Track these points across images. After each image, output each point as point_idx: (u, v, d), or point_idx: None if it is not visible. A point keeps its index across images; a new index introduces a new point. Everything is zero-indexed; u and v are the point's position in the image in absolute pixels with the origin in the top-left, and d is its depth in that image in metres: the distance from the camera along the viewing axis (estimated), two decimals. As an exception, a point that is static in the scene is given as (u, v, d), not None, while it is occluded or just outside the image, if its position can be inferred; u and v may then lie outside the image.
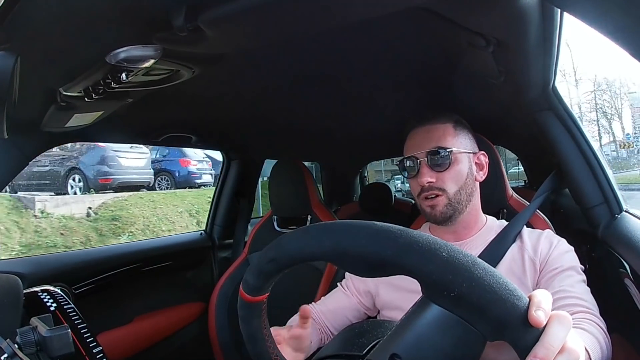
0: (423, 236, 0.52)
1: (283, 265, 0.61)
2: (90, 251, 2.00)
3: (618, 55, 22.16)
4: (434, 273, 0.50)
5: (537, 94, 1.38)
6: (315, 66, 1.29)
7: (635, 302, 1.07)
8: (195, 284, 2.29)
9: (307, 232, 0.58)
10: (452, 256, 0.50)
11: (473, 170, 1.25)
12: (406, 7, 0.82)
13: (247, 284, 0.65)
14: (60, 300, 1.10)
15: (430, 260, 0.50)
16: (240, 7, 0.75)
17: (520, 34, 0.93)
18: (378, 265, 0.53)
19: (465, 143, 1.25)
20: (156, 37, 0.86)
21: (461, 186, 1.20)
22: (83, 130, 1.39)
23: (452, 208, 1.20)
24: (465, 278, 0.49)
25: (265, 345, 0.73)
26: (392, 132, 2.43)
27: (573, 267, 1.09)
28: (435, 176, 1.20)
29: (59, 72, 0.99)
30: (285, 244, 0.60)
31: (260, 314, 0.69)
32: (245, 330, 0.71)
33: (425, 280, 0.52)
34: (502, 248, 1.20)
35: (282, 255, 0.60)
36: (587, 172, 1.41)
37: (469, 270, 0.49)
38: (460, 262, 0.50)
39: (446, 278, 0.49)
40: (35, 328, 0.81)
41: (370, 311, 1.34)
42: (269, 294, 0.67)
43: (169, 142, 2.02)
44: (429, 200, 1.21)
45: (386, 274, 0.54)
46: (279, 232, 2.17)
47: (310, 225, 0.59)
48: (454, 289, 0.49)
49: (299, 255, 0.58)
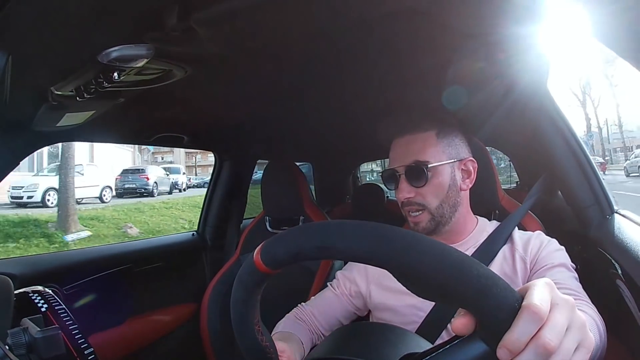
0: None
1: (333, 256, 0.57)
2: (82, 252, 1.99)
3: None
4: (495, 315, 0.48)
5: (530, 95, 1.39)
6: (308, 67, 1.29)
7: (626, 302, 1.07)
8: (187, 284, 2.28)
9: (388, 238, 0.52)
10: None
11: (457, 179, 1.21)
12: (398, 9, 0.83)
13: (273, 256, 0.58)
14: (52, 301, 1.09)
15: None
16: (233, 7, 0.75)
17: (512, 34, 0.93)
18: (453, 299, 0.51)
19: (449, 152, 1.20)
20: (148, 36, 0.85)
21: (443, 199, 1.18)
22: (74, 130, 1.38)
23: (435, 222, 1.19)
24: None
25: (254, 329, 0.69)
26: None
27: (563, 264, 1.10)
28: (413, 191, 1.18)
29: (50, 71, 0.99)
30: (351, 237, 0.53)
31: (261, 288, 0.64)
32: (240, 304, 0.66)
33: (485, 322, 0.50)
34: (493, 249, 1.20)
35: (342, 248, 0.54)
36: (578, 173, 1.42)
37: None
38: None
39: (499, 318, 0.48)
40: (26, 329, 0.81)
41: (360, 311, 1.33)
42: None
43: (160, 142, 2.01)
44: (411, 216, 1.20)
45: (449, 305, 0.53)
46: (271, 232, 2.16)
47: (385, 226, 0.53)
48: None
49: (365, 257, 0.53)
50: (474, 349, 0.50)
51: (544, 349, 0.46)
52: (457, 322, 0.51)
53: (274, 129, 2.18)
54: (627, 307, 1.06)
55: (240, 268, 0.64)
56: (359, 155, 3.86)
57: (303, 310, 1.30)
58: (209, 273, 2.41)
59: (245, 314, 0.66)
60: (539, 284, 0.51)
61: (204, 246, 2.46)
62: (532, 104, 1.44)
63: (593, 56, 22.61)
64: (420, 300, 1.17)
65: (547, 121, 1.46)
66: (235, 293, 0.65)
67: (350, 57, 1.23)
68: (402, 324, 1.10)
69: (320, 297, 1.35)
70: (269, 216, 2.20)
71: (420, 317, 1.17)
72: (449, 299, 0.51)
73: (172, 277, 2.22)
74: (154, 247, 2.21)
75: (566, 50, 22.81)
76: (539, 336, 0.47)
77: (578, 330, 0.50)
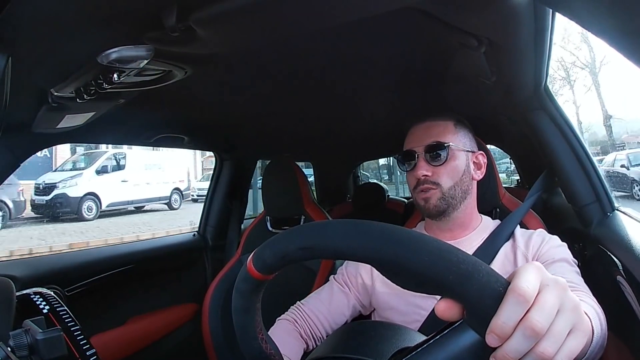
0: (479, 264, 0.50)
1: (317, 256, 0.56)
2: (83, 253, 1.99)
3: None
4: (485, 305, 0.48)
5: (529, 94, 1.39)
6: (308, 66, 1.29)
7: (628, 299, 1.07)
8: (188, 285, 2.28)
9: (365, 232, 0.52)
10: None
11: (470, 168, 1.26)
12: (398, 8, 0.82)
13: (263, 262, 0.59)
14: (53, 303, 1.09)
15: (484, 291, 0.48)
16: (232, 7, 0.75)
17: (511, 34, 0.93)
18: (435, 287, 0.50)
19: (465, 141, 1.26)
20: (148, 37, 0.85)
21: (456, 182, 1.21)
22: (75, 131, 1.38)
23: (446, 202, 1.21)
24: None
25: (256, 334, 0.68)
26: (384, 132, 2.45)
27: (565, 259, 1.11)
28: (431, 170, 1.21)
29: (50, 73, 0.99)
30: (331, 235, 0.54)
31: (259, 294, 0.65)
32: (240, 313, 0.66)
33: (470, 308, 0.49)
34: (495, 246, 1.21)
35: (323, 246, 0.54)
36: (578, 171, 1.43)
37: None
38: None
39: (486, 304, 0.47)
40: (28, 331, 0.81)
41: (365, 309, 1.33)
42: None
43: (161, 143, 2.02)
44: (423, 193, 1.22)
45: (432, 293, 0.53)
46: (272, 232, 2.16)
47: (365, 222, 0.54)
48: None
49: (346, 252, 0.53)
50: (464, 338, 0.50)
51: (532, 331, 0.44)
52: (440, 305, 0.50)
53: (274, 129, 2.18)
54: (629, 304, 1.06)
55: (237, 276, 0.64)
56: (360, 154, 3.87)
57: (299, 312, 1.27)
58: (210, 273, 2.41)
59: (246, 322, 0.66)
60: (526, 267, 0.49)
61: (205, 246, 2.46)
62: (532, 102, 1.44)
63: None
64: (422, 299, 1.18)
65: (546, 119, 1.46)
66: (235, 302, 0.65)
67: (350, 56, 1.23)
68: (404, 322, 1.10)
69: (323, 292, 1.32)
70: (269, 216, 2.20)
71: (423, 316, 1.17)
72: (431, 287, 0.50)
73: (173, 278, 2.22)
74: (155, 248, 2.21)
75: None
76: (526, 318, 0.45)
77: (570, 312, 0.47)
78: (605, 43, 0.65)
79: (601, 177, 1.42)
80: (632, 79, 27.11)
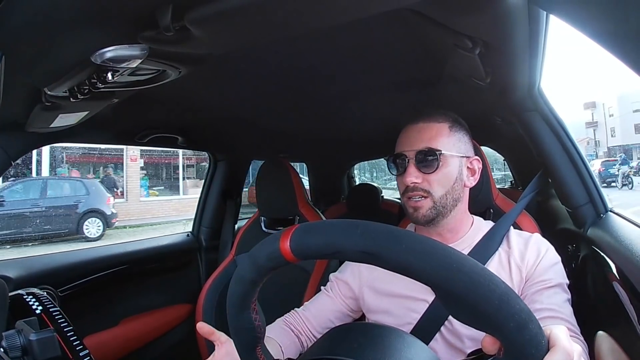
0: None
1: (376, 264, 0.53)
2: (77, 253, 1.98)
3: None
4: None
5: (523, 95, 1.39)
6: (303, 67, 1.29)
7: (621, 300, 1.08)
8: (182, 285, 2.28)
9: (440, 256, 0.51)
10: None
11: (463, 175, 1.21)
12: (393, 9, 0.82)
13: (306, 246, 0.57)
14: (46, 303, 1.09)
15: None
16: (227, 6, 0.75)
17: (506, 35, 0.94)
18: (492, 328, 0.53)
19: (459, 146, 1.21)
20: (142, 36, 0.85)
21: (448, 190, 1.17)
22: (68, 130, 1.38)
23: (436, 211, 1.17)
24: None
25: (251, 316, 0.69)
26: (379, 133, 2.46)
27: (560, 285, 1.10)
28: (421, 177, 1.16)
29: (43, 72, 0.98)
30: (406, 249, 0.52)
31: (273, 272, 0.63)
32: (246, 283, 0.65)
33: (513, 351, 0.53)
34: (489, 249, 1.19)
35: (393, 258, 0.52)
36: (572, 172, 1.43)
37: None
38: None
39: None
40: (21, 331, 0.80)
41: (355, 313, 1.33)
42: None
43: (155, 143, 2.01)
44: (413, 201, 1.18)
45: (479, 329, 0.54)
46: (266, 233, 2.16)
47: (438, 244, 0.53)
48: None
49: (414, 273, 0.52)
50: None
51: None
52: (487, 341, 0.55)
53: (268, 129, 2.18)
54: (622, 305, 1.07)
55: (255, 250, 0.62)
56: (354, 155, 3.87)
57: (294, 316, 1.31)
58: (204, 274, 2.41)
59: (247, 292, 0.66)
60: (561, 334, 0.55)
61: (199, 247, 2.46)
62: (526, 104, 1.45)
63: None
64: (415, 303, 1.17)
65: (540, 121, 1.47)
66: (246, 272, 0.64)
67: (345, 57, 1.23)
68: (396, 325, 1.10)
69: (314, 301, 1.35)
70: (264, 216, 2.20)
71: (415, 319, 1.16)
72: (487, 326, 0.53)
73: (167, 278, 2.22)
74: (149, 248, 2.20)
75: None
76: None
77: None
78: (598, 46, 0.65)
79: (594, 178, 1.42)
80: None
